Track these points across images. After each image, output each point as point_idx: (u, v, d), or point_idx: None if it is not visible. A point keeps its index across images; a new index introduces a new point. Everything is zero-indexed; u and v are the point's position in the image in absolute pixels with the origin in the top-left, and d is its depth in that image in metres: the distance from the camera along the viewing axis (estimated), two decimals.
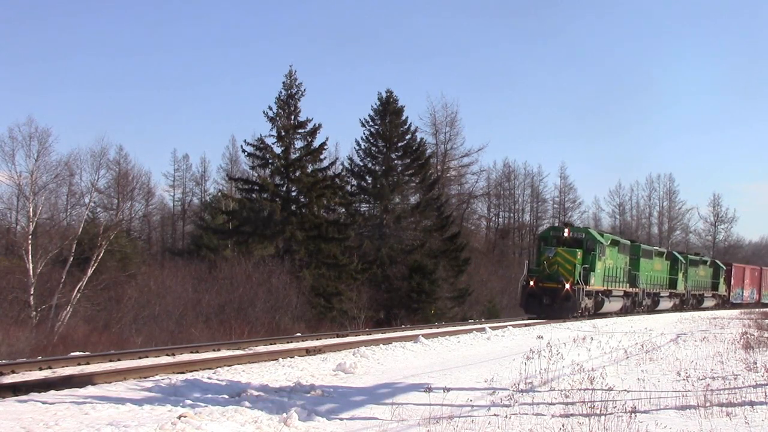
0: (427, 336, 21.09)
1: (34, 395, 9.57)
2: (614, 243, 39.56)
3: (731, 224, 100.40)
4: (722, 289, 63.71)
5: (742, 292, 69.09)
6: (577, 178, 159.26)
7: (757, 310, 64.13)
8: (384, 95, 49.43)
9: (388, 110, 48.95)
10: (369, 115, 49.54)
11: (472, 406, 10.63)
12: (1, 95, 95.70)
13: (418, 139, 51.02)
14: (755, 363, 16.76)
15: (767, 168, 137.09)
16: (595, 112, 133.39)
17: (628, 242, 43.84)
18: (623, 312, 41.61)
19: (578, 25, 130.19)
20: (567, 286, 33.79)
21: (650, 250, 46.93)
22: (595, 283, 36.11)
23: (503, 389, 12.18)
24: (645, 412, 10.56)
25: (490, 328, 25.94)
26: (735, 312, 54.79)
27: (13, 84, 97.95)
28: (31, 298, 38.93)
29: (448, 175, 53.06)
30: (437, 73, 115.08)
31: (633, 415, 9.77)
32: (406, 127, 49.76)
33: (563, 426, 9.25)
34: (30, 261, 39.90)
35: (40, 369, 12.44)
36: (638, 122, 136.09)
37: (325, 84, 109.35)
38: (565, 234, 35.92)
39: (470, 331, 24.94)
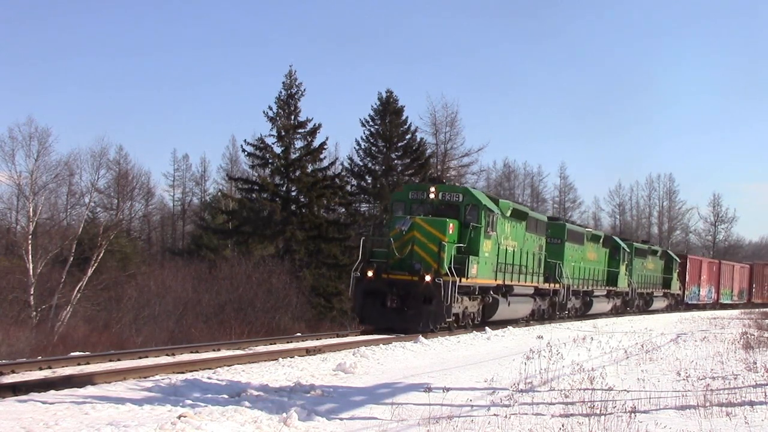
0: (426, 336, 21.08)
1: (34, 395, 9.57)
2: (517, 216, 27.15)
3: (731, 224, 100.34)
4: (675, 286, 53.70)
5: (699, 291, 59.71)
6: (577, 178, 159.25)
7: (726, 313, 56.04)
8: (384, 95, 49.45)
9: (388, 110, 48.94)
10: (369, 115, 49.56)
11: (472, 406, 10.63)
12: (1, 95, 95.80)
13: (418, 139, 50.99)
14: (755, 363, 16.76)
15: (767, 168, 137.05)
16: (595, 112, 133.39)
17: (545, 218, 32.58)
18: (537, 318, 30.89)
19: (578, 25, 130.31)
20: (427, 278, 21.56)
21: (580, 233, 36.29)
22: (480, 275, 23.54)
23: (503, 389, 12.18)
24: (645, 412, 10.56)
25: (490, 328, 25.93)
26: (735, 312, 54.67)
27: (13, 84, 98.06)
28: (31, 298, 38.95)
29: (448, 175, 52.90)
30: (437, 73, 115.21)
31: (633, 415, 9.77)
32: (406, 127, 49.75)
33: (563, 426, 9.25)
34: (30, 261, 39.93)
35: (40, 369, 12.44)
36: (638, 122, 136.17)
37: (325, 84, 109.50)
38: (431, 195, 23.48)
39: (470, 331, 24.92)
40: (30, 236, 41.16)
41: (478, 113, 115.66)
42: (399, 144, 49.17)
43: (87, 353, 14.95)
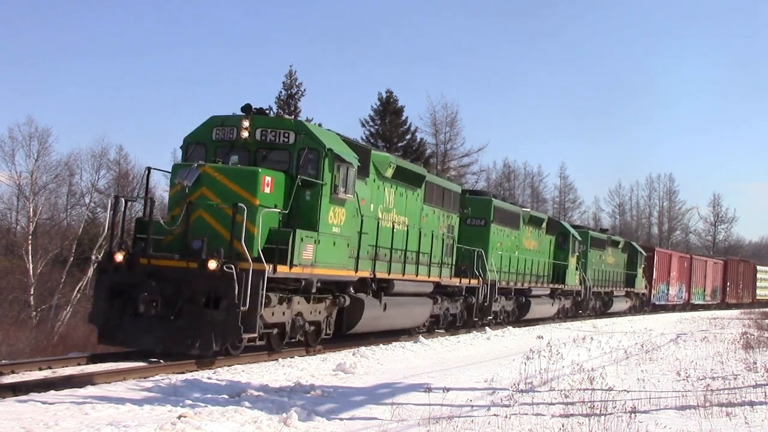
0: (426, 336, 21.09)
1: (34, 395, 9.57)
2: (408, 179, 19.87)
3: (731, 224, 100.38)
4: (640, 284, 47.03)
5: (668, 289, 52.67)
6: (577, 179, 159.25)
7: (726, 313, 53.55)
8: (384, 95, 49.45)
9: (388, 110, 48.95)
10: (369, 115, 49.56)
11: (472, 406, 10.63)
12: (1, 95, 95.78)
13: (418, 139, 50.99)
14: (755, 363, 16.76)
15: (767, 168, 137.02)
16: (595, 112, 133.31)
17: (458, 188, 24.84)
18: (446, 327, 23.51)
19: (578, 25, 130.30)
20: (212, 264, 13.22)
21: (514, 213, 28.55)
22: (322, 260, 15.36)
23: (503, 389, 12.18)
24: (645, 412, 10.56)
25: (489, 328, 25.93)
26: (735, 312, 54.56)
27: (13, 84, 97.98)
28: (31, 298, 38.97)
29: (448, 175, 52.91)
30: (437, 73, 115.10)
31: (633, 415, 9.77)
32: (406, 127, 49.75)
33: (563, 426, 9.24)
34: (30, 261, 39.95)
35: (40, 369, 12.43)
36: (638, 122, 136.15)
37: (325, 84, 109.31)
38: (243, 133, 15.24)
39: (470, 331, 24.93)
40: (30, 236, 41.18)
41: (478, 113, 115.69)
42: (399, 144, 49.15)
43: (87, 353, 14.93)
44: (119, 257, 13.80)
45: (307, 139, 15.27)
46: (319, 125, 18.10)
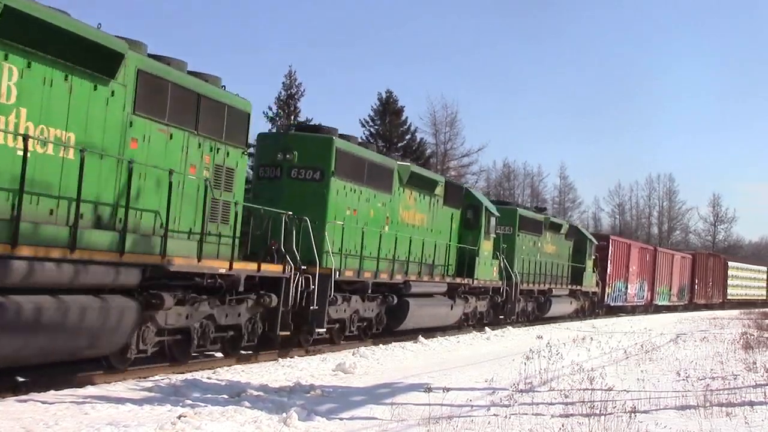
0: (426, 336, 21.10)
1: (33, 395, 9.55)
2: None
3: (731, 224, 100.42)
4: (590, 280, 37.63)
5: (626, 288, 44.26)
6: (577, 179, 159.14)
7: (726, 313, 51.56)
8: (384, 95, 49.42)
9: (388, 110, 48.93)
10: (369, 115, 49.52)
11: (472, 406, 10.64)
12: None
13: (418, 139, 50.96)
14: (755, 363, 16.78)
15: (767, 168, 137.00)
16: (594, 112, 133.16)
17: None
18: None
19: (578, 26, 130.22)
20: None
21: (381, 167, 19.55)
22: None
23: (503, 389, 12.18)
24: (645, 412, 10.56)
25: (489, 328, 25.94)
26: (735, 312, 54.39)
27: None
28: None
29: (448, 175, 52.97)
30: (437, 73, 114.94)
31: (633, 415, 9.77)
32: (406, 127, 49.72)
33: (563, 426, 9.25)
34: None
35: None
36: (638, 122, 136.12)
37: (325, 84, 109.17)
38: None
39: (470, 331, 24.94)
40: None
41: (478, 113, 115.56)
42: (399, 144, 49.13)
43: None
44: None
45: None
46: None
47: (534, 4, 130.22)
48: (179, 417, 8.49)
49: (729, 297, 67.37)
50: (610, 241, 43.02)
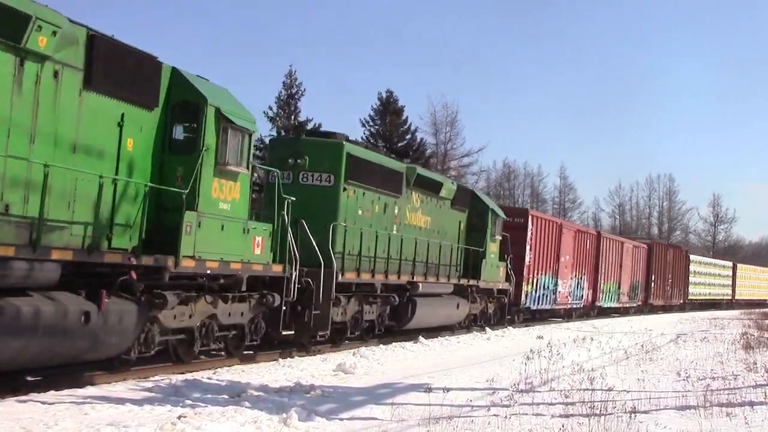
0: (426, 336, 21.10)
1: (33, 395, 9.56)
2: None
3: (731, 224, 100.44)
4: (494, 272, 26.14)
5: (555, 285, 32.57)
6: (577, 179, 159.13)
7: (726, 313, 49.43)
8: (384, 95, 49.43)
9: (388, 110, 48.93)
10: (369, 115, 49.54)
11: (472, 406, 10.64)
12: None
13: (418, 139, 50.97)
14: (755, 363, 16.79)
15: (767, 168, 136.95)
16: (595, 112, 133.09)
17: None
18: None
19: (578, 26, 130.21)
20: None
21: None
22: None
23: (503, 389, 12.18)
24: (645, 412, 10.57)
25: (489, 328, 25.94)
26: (735, 312, 54.25)
27: None
28: None
29: (448, 175, 53.03)
30: (437, 73, 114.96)
31: (633, 415, 9.77)
32: (406, 127, 49.73)
33: (563, 426, 9.25)
34: None
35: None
36: (638, 122, 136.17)
37: (325, 84, 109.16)
38: None
39: (470, 331, 24.95)
40: None
41: (478, 113, 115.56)
42: (399, 144, 49.13)
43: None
44: None
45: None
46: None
47: (534, 4, 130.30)
48: (179, 417, 8.50)
49: (691, 297, 57.08)
50: (530, 217, 29.98)
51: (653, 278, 48.75)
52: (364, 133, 49.21)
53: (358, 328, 18.34)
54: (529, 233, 29.92)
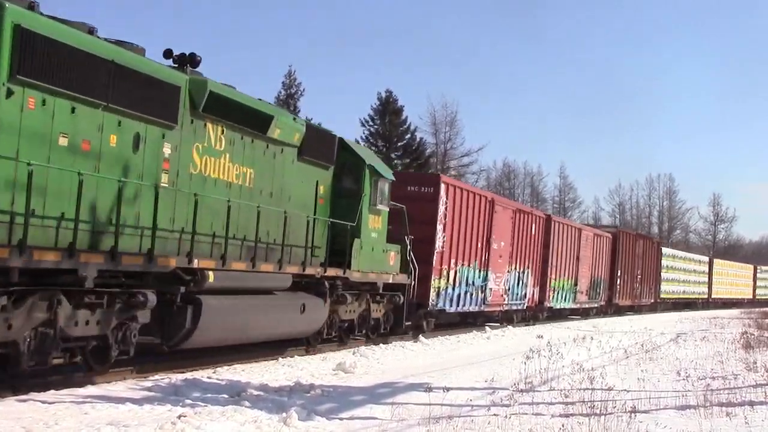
0: (426, 336, 21.13)
1: (33, 395, 9.55)
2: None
3: (731, 224, 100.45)
4: (376, 259, 18.27)
5: (485, 280, 25.49)
6: (577, 178, 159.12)
7: (726, 313, 46.28)
8: (384, 95, 49.48)
9: (388, 110, 49.00)
10: (369, 115, 49.63)
11: (472, 405, 10.63)
12: None
13: (418, 139, 51.04)
14: (755, 363, 16.80)
15: (767, 168, 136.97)
16: (595, 111, 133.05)
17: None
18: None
19: (578, 25, 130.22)
20: None
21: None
22: None
23: (503, 389, 12.18)
24: (645, 411, 10.56)
25: (489, 327, 25.95)
26: (735, 312, 54.06)
27: None
28: None
29: (448, 174, 53.10)
30: (437, 73, 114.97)
31: (633, 414, 9.77)
32: (405, 126, 49.80)
33: (563, 426, 9.24)
34: None
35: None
36: (638, 122, 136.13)
37: (325, 83, 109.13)
38: None
39: (470, 330, 24.95)
40: None
41: (478, 113, 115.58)
42: (399, 144, 49.23)
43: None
44: None
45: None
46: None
47: (534, 4, 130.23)
48: (179, 417, 8.50)
49: (663, 295, 50.70)
50: (443, 186, 22.10)
51: (619, 273, 41.21)
52: (364, 133, 49.34)
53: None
54: (441, 208, 21.88)
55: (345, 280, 16.85)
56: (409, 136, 49.83)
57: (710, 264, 63.67)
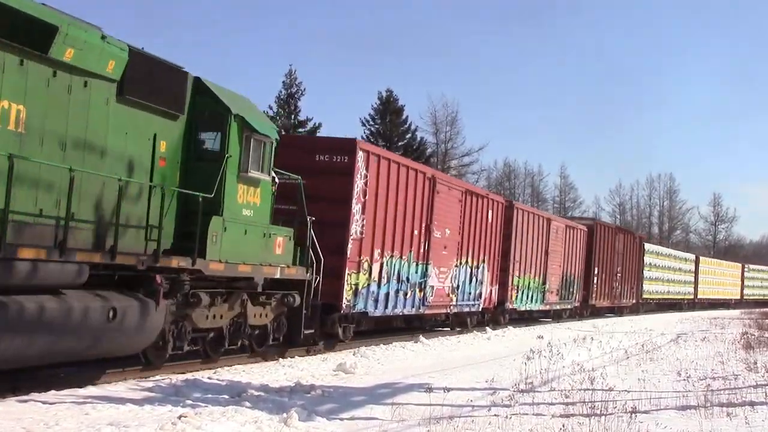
0: (426, 336, 21.14)
1: (34, 395, 9.56)
2: None
3: (731, 224, 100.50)
4: (253, 248, 13.47)
5: (424, 275, 20.84)
6: (577, 178, 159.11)
7: (726, 313, 45.55)
8: (384, 94, 49.48)
9: (389, 109, 49.03)
10: (369, 114, 49.64)
11: (473, 406, 10.64)
12: None
13: (419, 138, 51.07)
14: (755, 363, 16.80)
15: (767, 168, 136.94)
16: (595, 111, 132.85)
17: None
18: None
19: (578, 25, 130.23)
20: None
21: None
22: None
23: (504, 389, 12.19)
24: (645, 412, 10.56)
25: (490, 328, 25.95)
26: (735, 312, 54.09)
27: None
28: None
29: (449, 174, 53.13)
30: (437, 73, 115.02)
31: (633, 415, 9.77)
32: (406, 126, 49.83)
33: (563, 426, 9.25)
34: None
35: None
36: (639, 121, 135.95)
37: (325, 83, 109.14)
38: None
39: (470, 330, 24.95)
40: None
41: (479, 112, 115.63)
42: (399, 143, 49.23)
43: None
44: None
45: None
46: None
47: (534, 4, 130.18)
48: (180, 417, 8.50)
49: (645, 296, 47.27)
50: (360, 154, 17.42)
51: (596, 271, 37.22)
52: (365, 132, 49.34)
53: None
54: (359, 182, 17.38)
55: (198, 274, 12.28)
56: (409, 135, 49.89)
57: (696, 262, 60.43)
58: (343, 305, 17.15)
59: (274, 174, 14.32)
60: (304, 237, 15.28)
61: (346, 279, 17.11)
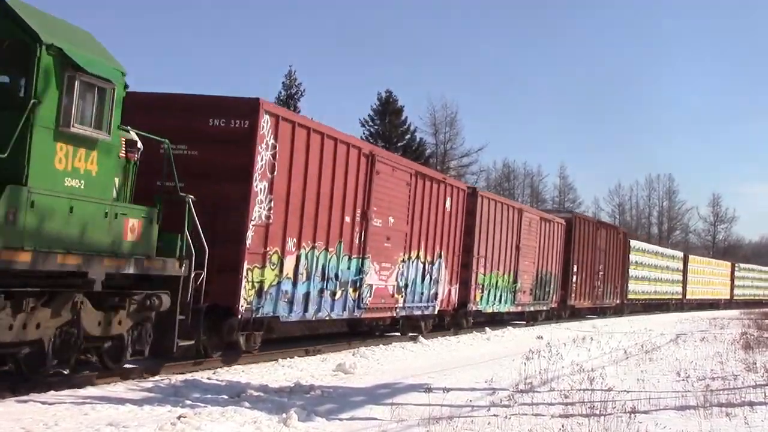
0: (426, 336, 21.14)
1: (33, 395, 9.56)
2: None
3: (731, 224, 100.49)
4: (82, 228, 9.74)
5: (359, 272, 17.14)
6: (577, 178, 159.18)
7: (726, 313, 43.24)
8: (383, 95, 49.45)
9: (388, 110, 48.97)
10: (368, 115, 49.55)
11: (472, 406, 10.65)
12: None
13: (418, 139, 51.00)
14: (755, 363, 16.81)
15: (767, 168, 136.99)
16: (595, 111, 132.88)
17: None
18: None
19: (578, 25, 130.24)
20: None
21: None
22: None
23: (503, 389, 12.20)
24: (645, 412, 10.57)
25: (489, 328, 25.95)
26: (735, 312, 54.11)
27: None
28: None
29: (448, 175, 53.16)
30: (437, 73, 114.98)
31: (632, 415, 9.79)
32: (405, 126, 49.76)
33: (563, 426, 9.25)
34: None
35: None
36: (638, 122, 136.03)
37: (325, 84, 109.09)
38: None
39: (470, 331, 24.95)
40: None
41: (478, 113, 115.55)
42: (399, 144, 49.16)
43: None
44: None
45: None
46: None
47: (534, 4, 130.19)
48: (179, 417, 8.51)
49: (630, 296, 44.27)
50: (265, 119, 13.58)
51: (575, 269, 34.05)
52: (364, 133, 49.30)
53: None
54: (264, 154, 13.76)
55: None
56: (409, 136, 49.80)
57: (685, 260, 56.87)
58: (241, 308, 13.37)
59: (134, 135, 10.98)
60: (181, 221, 11.64)
61: (245, 275, 13.38)
